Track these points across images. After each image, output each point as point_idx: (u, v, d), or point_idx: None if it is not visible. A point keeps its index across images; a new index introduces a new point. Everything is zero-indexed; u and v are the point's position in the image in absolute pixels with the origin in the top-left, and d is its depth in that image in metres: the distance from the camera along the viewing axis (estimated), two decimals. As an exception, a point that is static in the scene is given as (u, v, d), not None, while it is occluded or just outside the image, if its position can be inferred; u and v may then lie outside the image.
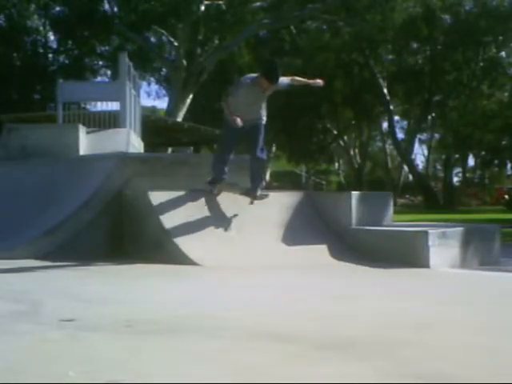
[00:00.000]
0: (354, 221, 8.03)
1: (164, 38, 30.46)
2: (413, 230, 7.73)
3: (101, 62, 36.10)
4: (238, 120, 7.13)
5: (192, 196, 7.66)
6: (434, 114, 42.89)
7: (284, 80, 7.57)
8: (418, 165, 51.65)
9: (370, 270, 6.85)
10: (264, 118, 7.81)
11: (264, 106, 7.72)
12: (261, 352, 3.24)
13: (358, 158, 49.03)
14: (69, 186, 8.36)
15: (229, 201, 7.79)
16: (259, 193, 7.66)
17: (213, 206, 7.68)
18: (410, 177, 48.97)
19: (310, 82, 7.87)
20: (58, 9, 32.61)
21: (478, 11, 36.77)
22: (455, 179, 55.36)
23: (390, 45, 37.44)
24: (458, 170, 57.14)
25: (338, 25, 32.24)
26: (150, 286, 5.56)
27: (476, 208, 40.58)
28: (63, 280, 5.89)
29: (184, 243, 7.05)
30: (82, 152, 10.22)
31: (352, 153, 48.89)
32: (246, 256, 6.95)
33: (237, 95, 7.34)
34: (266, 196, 7.73)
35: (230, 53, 30.99)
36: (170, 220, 7.29)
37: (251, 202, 7.65)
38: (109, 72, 34.60)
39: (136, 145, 13.31)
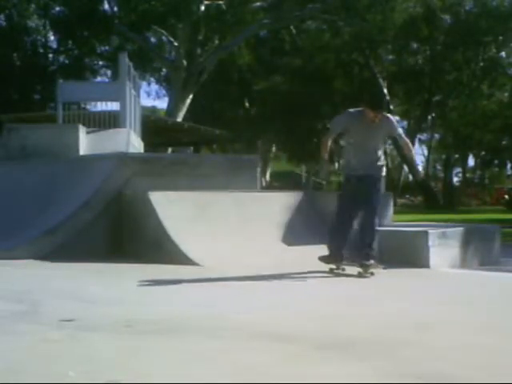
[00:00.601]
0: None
1: (164, 38, 30.45)
2: (413, 229, 7.73)
3: (101, 62, 36.11)
4: (325, 169, 6.35)
5: (192, 196, 7.65)
6: (433, 114, 42.87)
7: (401, 132, 6.62)
8: (417, 165, 51.63)
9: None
10: (382, 167, 6.39)
11: (382, 149, 6.40)
12: (261, 352, 3.24)
13: (357, 157, 48.92)
14: (69, 186, 8.35)
15: (229, 200, 7.79)
16: (371, 262, 6.21)
17: (213, 205, 7.68)
18: (410, 177, 48.95)
19: (415, 169, 6.75)
20: (58, 9, 32.62)
21: (477, 11, 36.76)
22: (455, 179, 55.40)
23: (389, 45, 37.42)
24: (458, 170, 57.18)
25: (338, 25, 32.22)
26: (150, 286, 5.56)
27: (476, 208, 40.57)
28: (63, 280, 5.89)
29: (184, 243, 7.05)
30: (82, 152, 10.21)
31: (352, 153, 48.78)
32: (246, 256, 6.95)
33: (342, 132, 6.38)
34: (377, 266, 6.31)
35: (229, 53, 30.98)
36: (169, 220, 7.29)
37: (360, 274, 6.15)
38: (109, 72, 34.61)
39: (136, 145, 13.31)
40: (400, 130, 6.62)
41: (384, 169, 6.41)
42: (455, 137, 44.36)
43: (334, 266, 6.36)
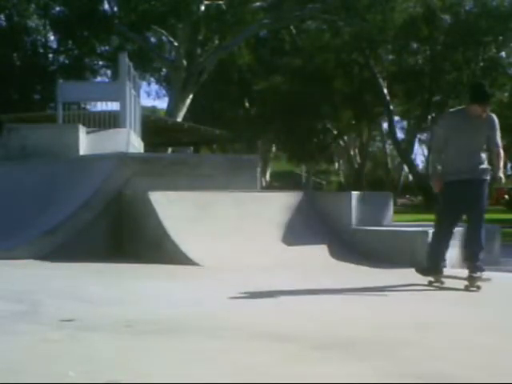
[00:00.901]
0: (354, 221, 8.03)
1: (164, 38, 30.43)
2: (413, 230, 7.73)
3: (101, 62, 36.08)
4: (437, 184, 5.74)
5: (192, 196, 7.65)
6: (433, 114, 42.85)
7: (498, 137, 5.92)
8: (418, 165, 51.64)
9: (369, 270, 6.85)
10: (488, 170, 5.79)
11: (484, 147, 5.81)
12: (261, 352, 3.24)
13: (358, 158, 49.00)
14: (69, 186, 8.36)
15: (229, 200, 7.79)
16: (478, 274, 5.56)
17: (213, 205, 7.68)
18: (410, 177, 48.95)
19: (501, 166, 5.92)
20: (58, 9, 32.61)
21: (477, 11, 36.75)
22: (455, 179, 55.27)
23: (389, 45, 37.41)
24: (458, 170, 57.11)
25: (338, 25, 32.21)
26: (150, 286, 5.56)
27: (476, 208, 40.47)
28: (63, 280, 5.89)
29: (184, 243, 7.05)
30: (82, 152, 10.21)
31: (352, 153, 48.87)
32: (246, 256, 6.95)
33: (443, 132, 5.83)
34: (485, 279, 5.62)
35: (229, 53, 30.96)
36: (170, 220, 7.29)
37: (467, 288, 5.53)
38: (109, 72, 34.59)
39: (136, 145, 13.31)
40: (498, 135, 5.93)
41: (489, 172, 5.78)
42: (455, 137, 44.29)
43: (432, 279, 5.83)
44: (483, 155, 5.78)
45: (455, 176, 5.69)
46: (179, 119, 26.69)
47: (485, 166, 5.77)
